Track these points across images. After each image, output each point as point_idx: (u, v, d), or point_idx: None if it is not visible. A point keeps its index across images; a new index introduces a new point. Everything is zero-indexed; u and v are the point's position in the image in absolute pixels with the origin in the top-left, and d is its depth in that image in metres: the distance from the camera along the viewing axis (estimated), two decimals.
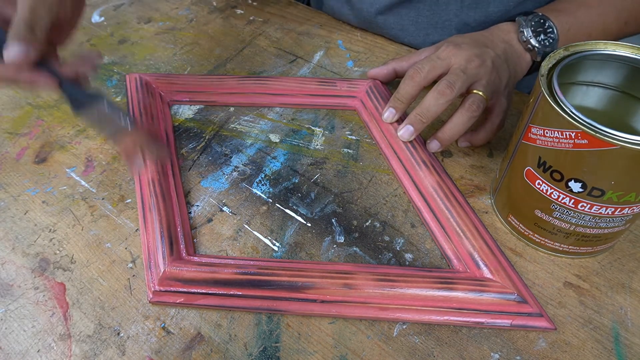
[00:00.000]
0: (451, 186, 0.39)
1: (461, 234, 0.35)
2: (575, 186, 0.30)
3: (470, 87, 0.40)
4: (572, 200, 0.30)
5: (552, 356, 0.30)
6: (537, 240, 0.35)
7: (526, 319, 0.31)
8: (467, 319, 0.31)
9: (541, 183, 0.31)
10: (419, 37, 0.55)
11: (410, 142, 0.41)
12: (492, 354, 0.31)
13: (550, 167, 0.30)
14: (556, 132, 0.29)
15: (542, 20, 0.42)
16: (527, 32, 0.42)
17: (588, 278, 0.34)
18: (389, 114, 0.42)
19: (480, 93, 0.39)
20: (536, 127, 0.30)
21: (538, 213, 0.33)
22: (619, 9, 0.45)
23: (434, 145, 0.41)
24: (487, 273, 0.33)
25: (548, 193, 0.31)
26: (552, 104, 0.28)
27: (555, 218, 0.32)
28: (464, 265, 0.34)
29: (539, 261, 0.35)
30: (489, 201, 0.39)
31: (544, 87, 0.29)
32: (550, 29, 0.42)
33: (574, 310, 0.33)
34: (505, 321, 0.31)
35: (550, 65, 0.31)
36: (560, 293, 0.33)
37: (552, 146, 0.29)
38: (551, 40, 0.42)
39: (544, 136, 0.30)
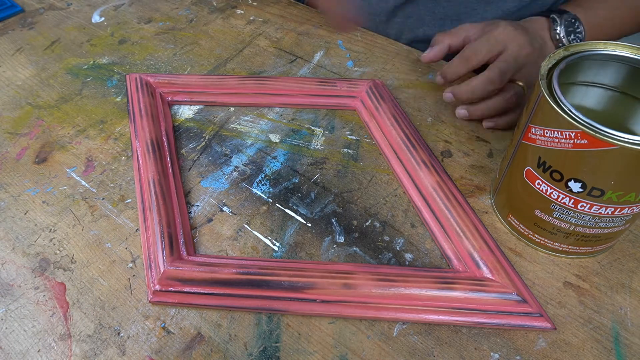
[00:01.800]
0: (451, 186, 0.39)
1: (461, 234, 0.35)
2: (575, 186, 0.30)
3: (515, 75, 0.40)
4: (572, 200, 0.30)
5: (552, 356, 0.30)
6: (537, 240, 0.35)
7: (526, 318, 0.31)
8: (467, 319, 0.31)
9: (541, 183, 0.31)
10: (435, 28, 0.55)
11: (410, 142, 0.41)
12: (492, 354, 0.31)
13: (550, 167, 0.30)
14: (556, 132, 0.29)
15: (573, 20, 0.43)
16: (561, 31, 0.42)
17: (588, 278, 0.34)
18: (448, 95, 0.43)
19: (522, 86, 0.40)
20: (536, 127, 0.30)
21: (538, 213, 0.33)
22: (634, 9, 0.46)
23: (458, 109, 0.43)
24: (487, 273, 0.33)
25: (548, 193, 0.31)
26: (552, 104, 0.28)
27: (555, 218, 0.32)
28: (464, 265, 0.34)
29: (539, 261, 0.35)
30: (489, 201, 0.39)
31: (543, 87, 0.29)
32: (579, 30, 0.43)
33: (574, 310, 0.33)
34: (505, 321, 0.31)
35: (550, 66, 0.31)
36: (560, 293, 0.33)
37: (552, 146, 0.29)
38: (578, 41, 0.43)
39: (544, 136, 0.30)
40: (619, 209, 0.30)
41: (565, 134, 0.28)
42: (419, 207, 0.38)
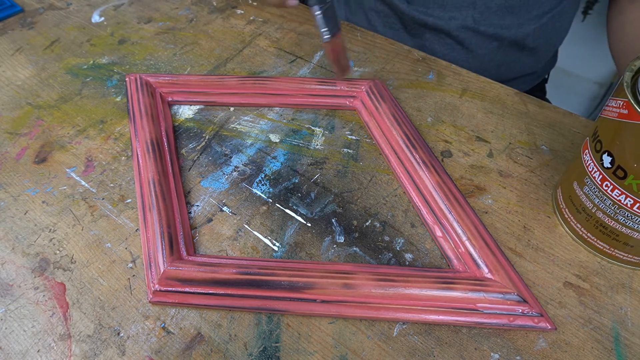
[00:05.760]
0: (451, 186, 0.39)
1: (461, 234, 0.35)
2: (607, 160, 0.30)
3: None
4: (601, 176, 0.31)
5: (552, 356, 0.30)
6: (565, 215, 0.36)
7: (526, 319, 0.31)
8: (467, 319, 0.31)
9: (587, 152, 0.32)
10: (444, 19, 0.57)
11: (410, 142, 0.41)
12: (492, 354, 0.31)
13: (597, 136, 0.31)
14: (613, 100, 0.29)
15: None
16: None
17: (588, 278, 0.34)
18: None
19: None
20: (611, 100, 0.31)
21: (574, 185, 0.34)
22: None
23: None
24: (487, 273, 0.33)
25: (587, 163, 0.32)
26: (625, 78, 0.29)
27: (584, 194, 0.33)
28: (464, 265, 0.34)
29: (539, 261, 0.35)
30: (489, 201, 0.39)
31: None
32: None
33: (574, 310, 0.33)
34: (505, 321, 0.31)
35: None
36: (560, 293, 0.33)
37: (605, 115, 0.30)
38: None
39: (608, 106, 0.30)
40: (637, 205, 0.30)
41: (618, 103, 0.29)
42: (419, 207, 0.38)
